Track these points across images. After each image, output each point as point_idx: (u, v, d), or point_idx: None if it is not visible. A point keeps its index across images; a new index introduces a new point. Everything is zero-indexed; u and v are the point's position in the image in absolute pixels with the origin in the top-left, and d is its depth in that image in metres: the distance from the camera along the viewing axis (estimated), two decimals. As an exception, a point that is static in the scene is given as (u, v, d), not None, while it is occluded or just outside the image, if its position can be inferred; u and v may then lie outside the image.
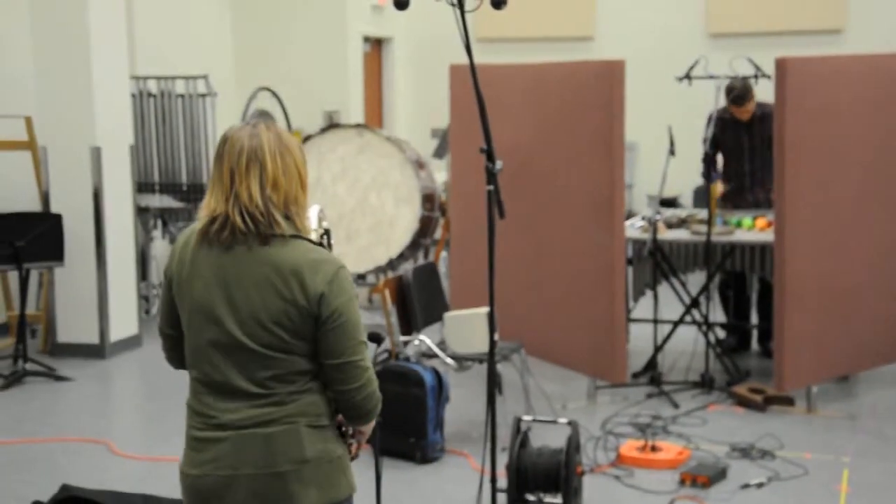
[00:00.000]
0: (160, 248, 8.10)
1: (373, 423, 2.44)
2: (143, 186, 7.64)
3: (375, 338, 2.92)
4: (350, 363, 2.26)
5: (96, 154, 6.53)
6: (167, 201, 7.65)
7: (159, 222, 7.77)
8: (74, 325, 6.64)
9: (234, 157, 2.24)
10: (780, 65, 5.16)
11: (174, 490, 4.08)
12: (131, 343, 6.84)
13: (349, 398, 2.29)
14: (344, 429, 2.45)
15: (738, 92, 6.12)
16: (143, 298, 7.53)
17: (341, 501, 2.32)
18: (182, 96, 7.72)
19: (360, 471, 2.77)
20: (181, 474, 2.36)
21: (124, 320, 6.79)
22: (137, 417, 5.80)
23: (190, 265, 2.28)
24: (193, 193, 7.73)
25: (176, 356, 2.44)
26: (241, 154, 2.24)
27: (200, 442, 2.30)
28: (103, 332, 6.62)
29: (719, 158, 6.45)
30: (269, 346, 2.24)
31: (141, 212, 7.45)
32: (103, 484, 4.37)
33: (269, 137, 2.26)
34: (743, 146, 6.37)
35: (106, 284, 6.62)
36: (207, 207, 2.27)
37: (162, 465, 4.74)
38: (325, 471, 2.28)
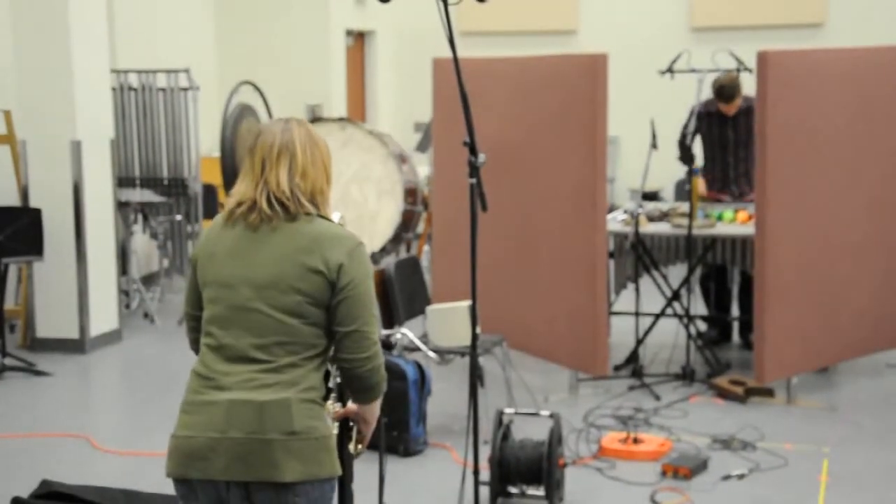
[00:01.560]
0: (140, 243, 8.06)
1: (377, 411, 2.54)
2: (123, 181, 7.59)
3: (384, 344, 2.92)
4: (361, 332, 2.38)
5: (76, 148, 6.49)
6: (148, 196, 7.61)
7: (140, 217, 7.73)
8: (54, 320, 6.60)
9: (267, 148, 2.40)
10: (762, 58, 5.17)
11: (156, 485, 4.08)
12: (111, 338, 6.81)
13: (356, 368, 2.40)
14: (351, 424, 2.49)
15: (729, 90, 6.15)
16: (124, 293, 7.50)
17: (323, 480, 2.37)
18: (163, 90, 7.68)
19: (361, 468, 2.77)
20: (171, 438, 2.42)
21: (104, 315, 6.76)
22: (118, 412, 5.77)
23: (214, 242, 2.43)
24: (174, 188, 7.69)
25: (197, 338, 2.52)
26: (272, 146, 2.40)
27: (195, 405, 2.38)
28: (83, 326, 6.59)
29: (698, 153, 6.45)
30: (283, 309, 2.35)
31: (121, 206, 7.41)
32: (84, 479, 4.35)
33: (300, 132, 2.43)
34: (728, 139, 6.39)
35: (86, 279, 6.59)
36: (236, 194, 2.43)
37: (143, 460, 4.72)
38: (311, 446, 2.35)
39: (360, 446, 2.60)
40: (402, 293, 5.34)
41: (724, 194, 6.46)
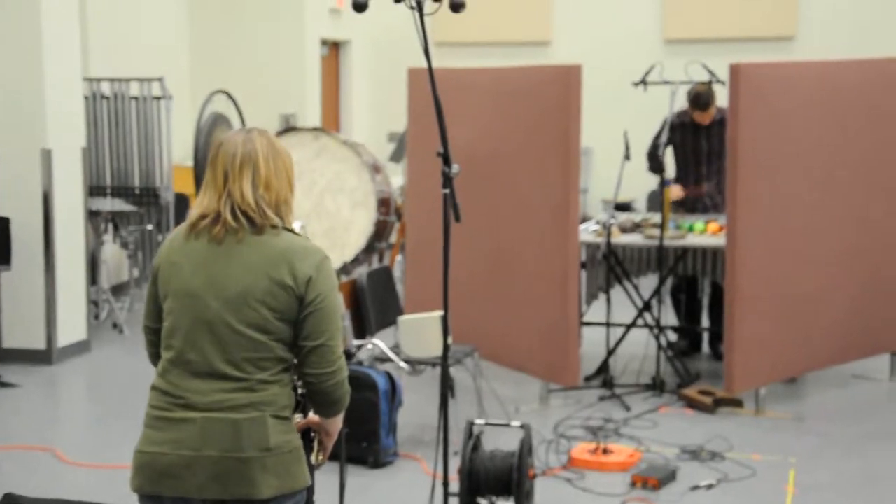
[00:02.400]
0: (111, 253, 8.01)
1: (339, 423, 2.53)
2: (94, 189, 7.54)
3: (346, 353, 2.93)
4: (326, 346, 2.36)
5: (47, 156, 6.44)
6: (119, 205, 7.56)
7: (111, 226, 7.68)
8: (21, 331, 6.53)
9: (229, 159, 2.38)
10: (734, 71, 5.22)
11: (124, 498, 4.03)
12: (80, 348, 6.75)
13: (321, 382, 2.38)
14: (312, 434, 2.48)
15: (705, 98, 6.21)
16: (93, 303, 7.43)
17: (297, 492, 2.39)
18: (136, 99, 7.64)
19: (323, 479, 2.77)
20: (136, 453, 2.39)
21: (73, 325, 6.70)
22: (85, 424, 5.72)
23: (177, 254, 2.40)
24: (146, 197, 7.65)
25: (157, 352, 2.48)
26: (235, 156, 2.38)
27: (164, 421, 2.35)
28: (50, 337, 6.53)
29: (670, 163, 6.50)
30: (251, 324, 2.33)
31: (92, 215, 7.36)
32: (50, 493, 4.30)
33: (261, 142, 2.40)
34: (701, 150, 6.44)
35: (54, 289, 6.53)
36: (199, 206, 2.39)
37: (111, 473, 4.68)
38: (285, 460, 2.36)
39: (321, 457, 2.59)
40: (375, 303, 5.33)
41: (699, 190, 6.44)
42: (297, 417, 2.52)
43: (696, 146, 6.44)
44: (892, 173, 5.83)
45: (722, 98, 5.82)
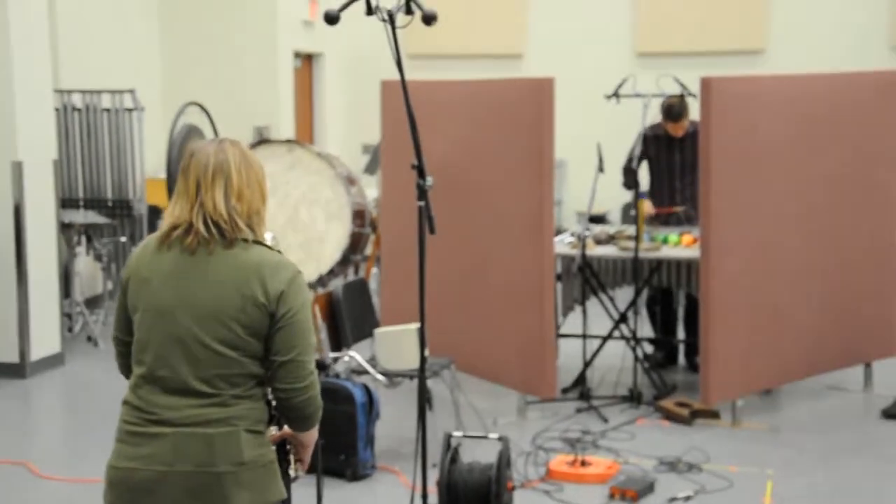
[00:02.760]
0: (84, 265, 7.93)
1: (315, 435, 2.52)
2: (67, 202, 7.48)
3: (319, 364, 2.92)
4: (298, 362, 2.34)
5: (17, 169, 6.38)
6: (92, 217, 7.50)
7: (84, 238, 7.62)
8: (-7, 344, 6.46)
9: (201, 169, 2.35)
10: (706, 84, 5.26)
11: (97, 512, 4.00)
12: (53, 362, 6.68)
13: (292, 398, 2.36)
14: (288, 447, 2.47)
15: (677, 109, 6.26)
16: (67, 316, 7.36)
17: None
18: (108, 110, 7.59)
19: (300, 492, 2.75)
20: (108, 468, 2.36)
21: (46, 338, 6.63)
22: (59, 438, 5.65)
23: (148, 266, 2.36)
24: (119, 209, 7.59)
25: (128, 363, 2.46)
26: (207, 167, 2.35)
27: (136, 436, 2.33)
28: (23, 350, 6.45)
29: (644, 176, 6.53)
30: (223, 341, 2.31)
31: (65, 228, 7.29)
32: (23, 507, 4.26)
33: (234, 153, 2.39)
34: (675, 163, 6.48)
35: (27, 302, 6.46)
36: (171, 216, 2.37)
37: (85, 487, 4.62)
38: (259, 474, 2.34)
39: (299, 469, 2.57)
40: (350, 316, 5.31)
41: (671, 209, 6.49)
42: (272, 430, 2.51)
43: (670, 159, 6.49)
44: (861, 185, 5.90)
45: (695, 111, 5.87)
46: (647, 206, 6.43)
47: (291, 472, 2.57)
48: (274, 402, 2.44)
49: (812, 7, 9.90)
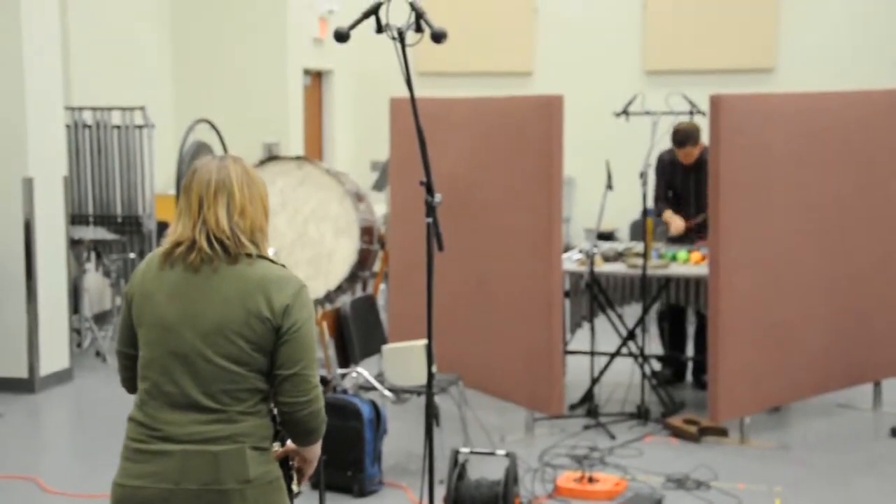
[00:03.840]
0: (93, 281, 7.96)
1: (318, 450, 2.52)
2: (76, 218, 7.51)
3: (322, 380, 2.93)
4: (302, 376, 2.34)
5: (28, 185, 6.42)
6: (101, 233, 7.53)
7: (93, 254, 7.64)
8: (2, 359, 6.47)
9: (203, 186, 2.36)
10: (715, 102, 5.27)
11: (105, 527, 4.00)
12: (62, 377, 6.69)
13: (296, 412, 2.36)
14: (291, 462, 2.49)
15: (681, 136, 6.22)
16: (76, 332, 7.39)
17: None
18: (118, 127, 7.63)
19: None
20: (114, 486, 2.37)
21: (55, 354, 6.64)
22: (68, 453, 5.66)
23: (152, 283, 2.37)
24: (128, 225, 7.62)
25: (131, 377, 2.47)
26: (209, 184, 2.36)
27: (142, 454, 2.33)
28: (32, 366, 6.47)
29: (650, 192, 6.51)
30: (228, 356, 2.31)
31: (74, 244, 7.33)
32: (31, 521, 4.26)
33: (236, 169, 2.39)
34: (689, 189, 6.46)
35: (36, 318, 6.48)
36: (174, 234, 2.38)
37: (94, 502, 4.63)
38: (265, 491, 2.35)
39: (300, 484, 2.58)
40: (358, 332, 5.32)
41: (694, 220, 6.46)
42: (276, 446, 2.51)
43: (685, 186, 6.47)
44: (871, 203, 5.89)
45: (704, 130, 5.86)
46: (677, 222, 6.38)
47: (294, 488, 2.57)
48: (278, 418, 2.44)
49: (821, 25, 9.91)
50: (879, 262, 5.95)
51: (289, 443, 2.53)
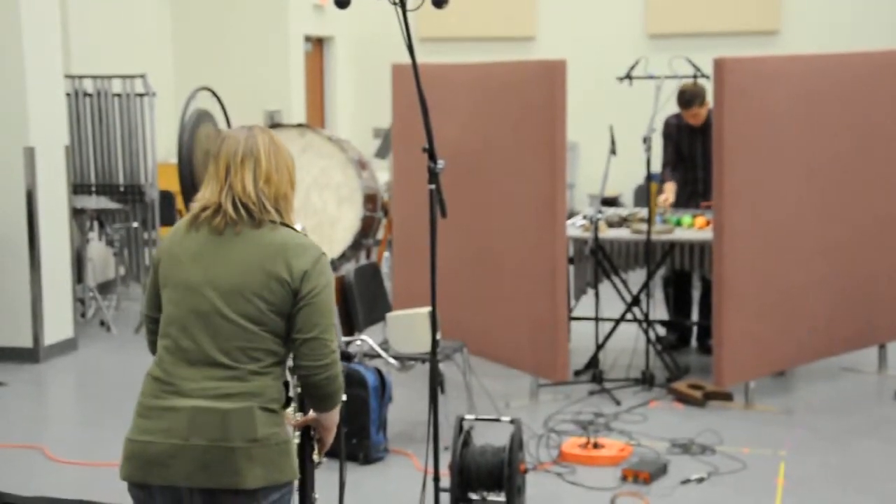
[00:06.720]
0: (96, 250, 7.96)
1: (335, 418, 2.56)
2: (78, 188, 7.49)
3: (345, 356, 2.93)
4: (319, 340, 2.39)
5: (30, 154, 6.39)
6: (104, 202, 7.51)
7: (96, 224, 7.63)
8: (7, 329, 6.48)
9: (231, 153, 2.43)
10: (719, 65, 5.22)
11: (112, 495, 4.02)
12: (66, 347, 6.71)
13: (314, 376, 2.41)
14: (313, 433, 2.56)
15: (687, 96, 6.19)
16: (79, 301, 7.39)
17: (282, 484, 2.42)
18: (119, 96, 7.59)
19: (320, 476, 2.77)
20: (126, 441, 2.42)
21: (59, 324, 6.65)
22: (73, 422, 5.68)
23: (178, 245, 2.45)
24: (130, 194, 7.60)
25: (156, 340, 2.52)
26: (237, 151, 2.43)
27: (154, 410, 2.39)
28: (37, 335, 6.48)
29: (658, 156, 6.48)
30: (245, 315, 2.37)
31: (77, 213, 7.31)
32: (38, 491, 4.29)
33: (263, 138, 2.47)
34: (696, 152, 6.41)
35: (40, 287, 6.48)
36: (201, 199, 2.45)
37: (98, 471, 4.65)
38: (272, 452, 2.39)
39: (321, 454, 2.61)
40: (362, 300, 5.31)
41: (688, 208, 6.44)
42: (297, 416, 2.55)
43: (692, 149, 6.43)
44: (876, 166, 5.86)
45: (708, 93, 5.82)
46: (666, 195, 6.34)
47: (315, 458, 2.60)
48: (299, 388, 2.48)
49: (826, -13, 9.81)
50: (884, 224, 5.92)
51: (310, 413, 2.56)
